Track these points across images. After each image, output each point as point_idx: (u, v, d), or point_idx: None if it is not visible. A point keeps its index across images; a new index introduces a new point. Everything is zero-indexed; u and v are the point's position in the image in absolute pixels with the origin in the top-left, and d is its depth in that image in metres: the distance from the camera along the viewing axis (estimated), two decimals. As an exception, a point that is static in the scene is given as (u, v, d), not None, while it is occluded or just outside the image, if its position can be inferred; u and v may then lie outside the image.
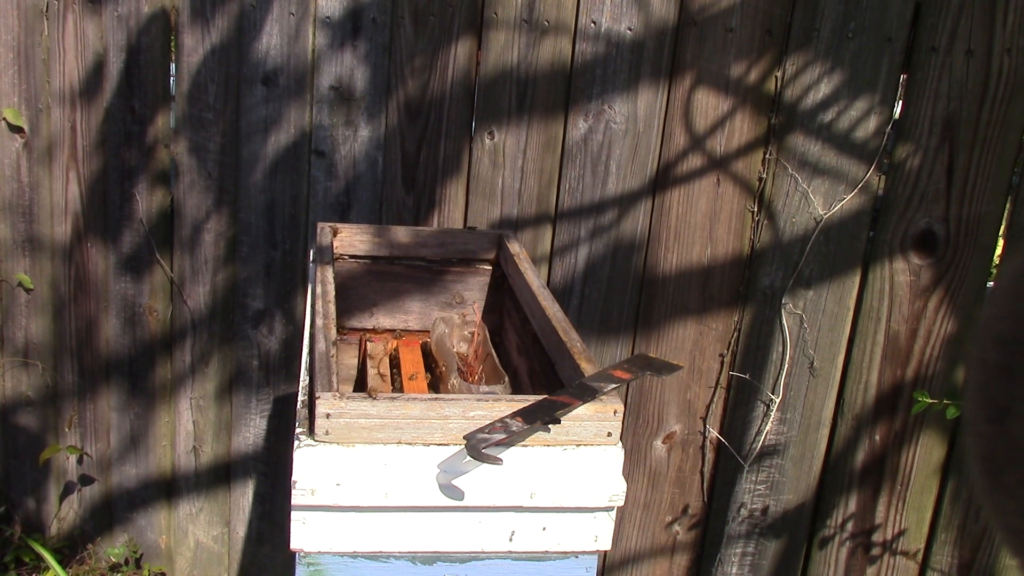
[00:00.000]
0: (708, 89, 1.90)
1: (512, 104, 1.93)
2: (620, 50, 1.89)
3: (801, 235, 1.94)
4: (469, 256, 1.56)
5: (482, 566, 1.00)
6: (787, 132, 1.90)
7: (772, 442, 2.07)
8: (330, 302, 1.19)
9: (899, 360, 1.98)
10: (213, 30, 1.92)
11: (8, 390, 2.19)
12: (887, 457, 2.05)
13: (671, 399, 2.08)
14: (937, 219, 1.90)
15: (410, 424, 0.95)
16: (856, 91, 1.86)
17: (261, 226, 2.02)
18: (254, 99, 1.95)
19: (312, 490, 0.93)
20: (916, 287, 1.94)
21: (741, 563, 2.17)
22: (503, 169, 1.96)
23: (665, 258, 1.99)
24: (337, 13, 1.90)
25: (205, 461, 2.21)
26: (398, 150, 1.97)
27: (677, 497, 2.15)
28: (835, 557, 2.13)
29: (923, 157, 1.87)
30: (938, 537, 2.07)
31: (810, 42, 1.85)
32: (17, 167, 2.04)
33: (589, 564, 1.02)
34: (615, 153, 1.94)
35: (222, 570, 2.30)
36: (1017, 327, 0.36)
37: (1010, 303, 0.37)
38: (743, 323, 2.01)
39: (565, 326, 1.18)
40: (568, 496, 0.97)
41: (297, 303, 2.06)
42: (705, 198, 1.95)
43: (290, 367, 2.11)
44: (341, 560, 0.97)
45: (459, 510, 0.97)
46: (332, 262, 1.36)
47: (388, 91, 1.94)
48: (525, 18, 1.88)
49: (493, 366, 1.33)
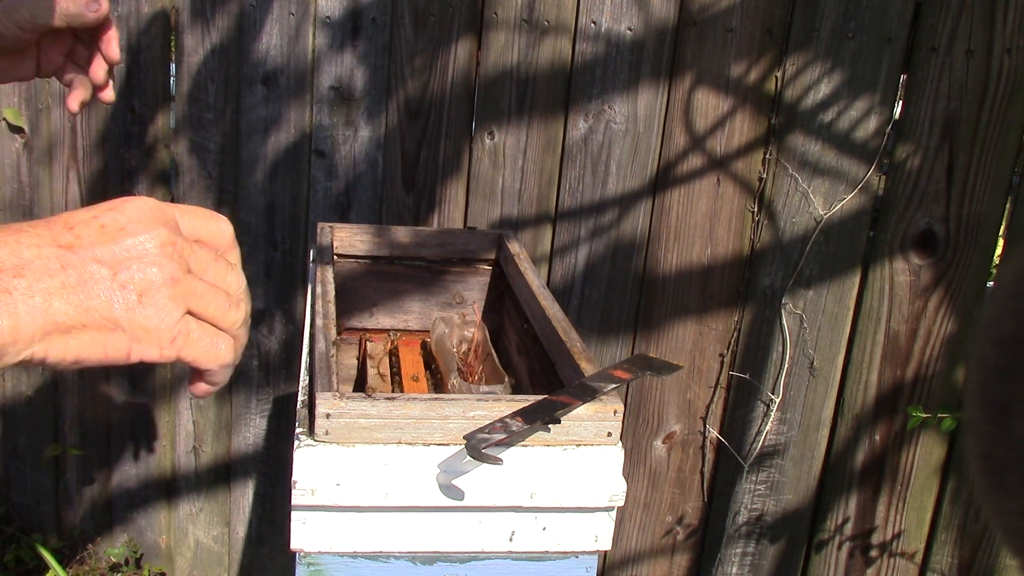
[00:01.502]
0: (708, 89, 1.90)
1: (512, 104, 1.93)
2: (620, 50, 1.89)
3: (801, 235, 1.94)
4: (469, 256, 1.56)
5: (482, 566, 1.00)
6: (787, 132, 1.90)
7: (772, 442, 2.07)
8: (330, 302, 1.19)
9: (899, 360, 1.98)
10: (213, 30, 1.92)
11: (8, 390, 2.19)
12: (887, 457, 2.05)
13: (671, 399, 2.08)
14: (937, 219, 1.90)
15: (410, 424, 0.95)
16: (856, 91, 1.86)
17: (261, 226, 2.02)
18: (254, 99, 1.95)
19: (312, 490, 0.93)
20: (916, 287, 1.94)
21: (741, 563, 2.17)
22: (503, 169, 1.96)
23: (665, 258, 1.99)
24: (337, 13, 1.90)
25: (205, 461, 2.21)
26: (398, 150, 1.97)
27: (677, 497, 2.15)
28: (835, 557, 2.13)
29: (923, 157, 1.87)
30: (938, 537, 2.07)
31: (810, 42, 1.85)
32: (17, 167, 2.04)
33: (589, 564, 1.02)
34: (615, 153, 1.94)
35: (222, 570, 2.30)
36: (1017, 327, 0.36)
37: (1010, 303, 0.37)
38: (743, 323, 2.01)
39: (565, 326, 1.18)
40: (568, 496, 0.97)
41: (297, 303, 2.06)
42: (705, 198, 1.95)
43: (290, 367, 2.11)
44: (341, 560, 0.97)
45: (459, 510, 0.97)
46: (332, 262, 1.36)
47: (388, 91, 1.94)
48: (525, 18, 1.88)
49: (493, 366, 1.33)
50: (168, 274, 0.59)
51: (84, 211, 0.59)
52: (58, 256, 0.56)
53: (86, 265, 0.56)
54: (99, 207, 0.60)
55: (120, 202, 0.60)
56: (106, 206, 0.60)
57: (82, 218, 0.58)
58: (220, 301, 0.63)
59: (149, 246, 0.59)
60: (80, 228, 0.58)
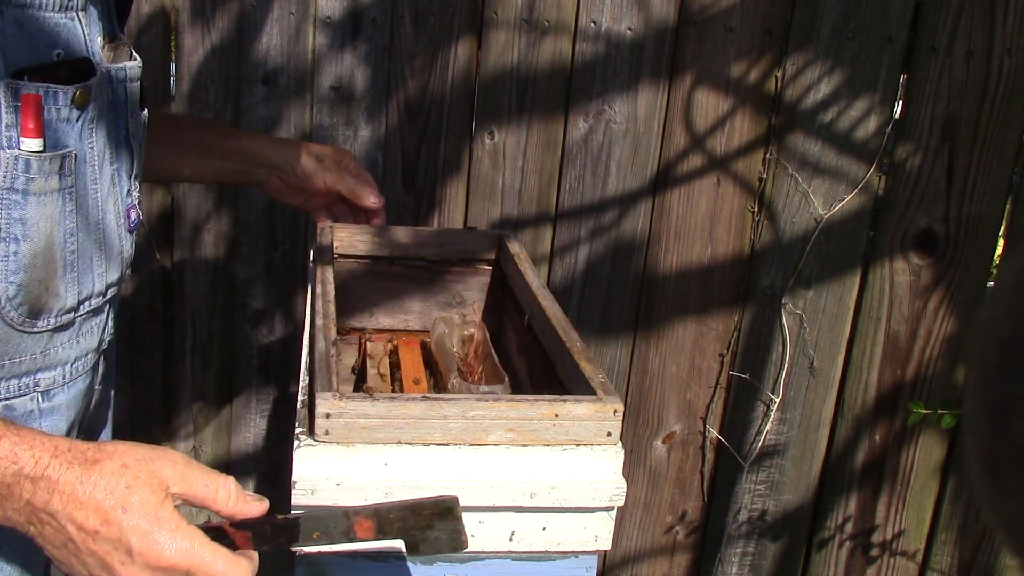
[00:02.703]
0: (708, 89, 1.90)
1: (512, 104, 1.93)
2: (620, 50, 1.89)
3: (801, 235, 1.94)
4: (469, 256, 1.56)
5: (482, 566, 1.00)
6: (787, 132, 1.90)
7: (772, 442, 2.07)
8: (330, 302, 1.19)
9: (899, 360, 1.99)
10: (213, 30, 1.92)
11: (8, 390, 2.19)
12: (887, 457, 2.05)
13: (671, 399, 2.08)
14: (937, 219, 1.90)
15: (410, 424, 0.95)
16: (856, 91, 1.86)
17: (261, 226, 2.02)
18: (254, 99, 1.95)
19: (312, 490, 0.93)
20: (916, 287, 1.94)
21: (741, 563, 2.17)
22: (503, 169, 1.96)
23: (665, 258, 1.99)
24: (337, 13, 1.90)
25: (205, 461, 2.20)
26: (398, 150, 1.97)
27: (677, 497, 2.15)
28: (835, 557, 2.13)
29: (923, 157, 1.87)
30: (938, 537, 2.07)
31: (810, 42, 1.85)
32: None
33: (589, 564, 1.02)
34: (615, 153, 1.94)
35: (222, 570, 2.30)
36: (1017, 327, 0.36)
37: (1010, 303, 0.37)
38: (743, 323, 2.01)
39: (565, 326, 1.18)
40: (568, 496, 0.97)
41: (297, 303, 2.06)
42: (705, 198, 1.95)
43: (290, 367, 2.11)
44: (341, 560, 0.97)
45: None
46: (332, 262, 1.36)
47: (388, 91, 1.94)
48: (525, 18, 1.88)
49: (493, 366, 1.33)
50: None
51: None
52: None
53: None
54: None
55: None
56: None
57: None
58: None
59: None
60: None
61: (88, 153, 0.98)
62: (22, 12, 0.88)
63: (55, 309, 0.98)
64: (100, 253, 1.03)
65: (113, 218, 1.05)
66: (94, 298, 1.04)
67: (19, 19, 0.88)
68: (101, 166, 1.01)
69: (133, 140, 1.07)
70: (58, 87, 0.91)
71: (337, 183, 1.44)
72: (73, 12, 0.95)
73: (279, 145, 1.43)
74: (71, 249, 0.98)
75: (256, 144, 1.40)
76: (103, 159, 1.01)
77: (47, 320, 0.98)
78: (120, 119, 1.04)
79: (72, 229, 0.98)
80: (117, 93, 1.03)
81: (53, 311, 0.98)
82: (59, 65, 0.92)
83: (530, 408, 0.97)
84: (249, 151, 1.38)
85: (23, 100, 0.88)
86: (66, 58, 0.93)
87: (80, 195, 0.98)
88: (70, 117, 0.94)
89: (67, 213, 0.96)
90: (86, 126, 0.97)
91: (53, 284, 0.97)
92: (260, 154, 1.39)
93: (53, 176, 0.93)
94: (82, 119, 0.96)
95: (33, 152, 0.90)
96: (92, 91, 0.96)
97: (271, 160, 1.40)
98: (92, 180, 1.00)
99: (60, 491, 0.76)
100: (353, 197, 1.46)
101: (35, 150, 0.90)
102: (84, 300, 1.02)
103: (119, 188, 1.06)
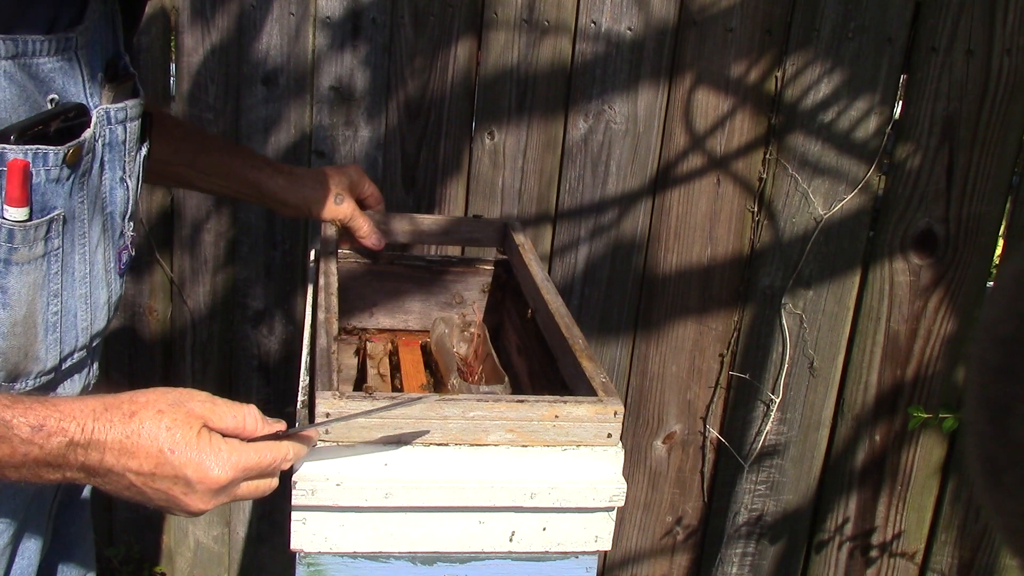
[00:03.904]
0: (708, 89, 1.90)
1: (512, 104, 1.93)
2: (620, 50, 1.89)
3: (801, 235, 1.94)
4: (475, 243, 1.57)
5: (482, 566, 1.00)
6: (787, 132, 1.90)
7: (772, 442, 2.07)
8: (332, 295, 1.19)
9: (899, 360, 1.98)
10: (213, 30, 1.92)
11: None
12: (887, 457, 2.05)
13: (671, 399, 2.08)
14: (937, 219, 1.90)
15: (410, 424, 0.95)
16: (856, 91, 1.86)
17: (261, 226, 2.02)
18: (254, 99, 1.95)
19: (312, 490, 0.93)
20: (916, 287, 1.94)
21: (741, 563, 2.17)
22: (503, 169, 1.97)
23: (665, 258, 1.99)
24: (337, 13, 1.90)
25: (205, 461, 2.21)
26: (398, 150, 1.97)
27: (677, 497, 2.15)
28: (835, 557, 2.13)
29: (923, 157, 1.87)
30: (938, 537, 2.07)
31: (810, 42, 1.85)
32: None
33: (589, 564, 1.02)
34: (615, 153, 1.94)
35: (222, 570, 2.30)
36: (1017, 327, 0.36)
37: (1010, 303, 0.37)
38: (743, 323, 2.01)
39: (568, 322, 1.18)
40: (568, 496, 0.97)
41: (297, 303, 2.07)
42: (705, 198, 1.95)
43: (290, 367, 2.11)
44: (341, 560, 0.97)
45: (459, 510, 0.97)
46: (335, 253, 1.36)
47: (388, 91, 1.94)
48: (525, 18, 1.88)
49: (493, 366, 1.33)
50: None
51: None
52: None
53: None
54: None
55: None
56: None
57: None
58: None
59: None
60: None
61: (78, 208, 0.93)
62: (12, 64, 0.82)
63: (34, 372, 0.94)
64: (85, 307, 0.99)
65: (102, 267, 1.00)
66: (77, 352, 1.00)
67: (9, 72, 0.82)
68: (92, 217, 0.96)
69: (129, 180, 1.02)
70: (48, 148, 0.85)
71: (348, 222, 1.41)
72: (71, 52, 0.89)
73: (299, 186, 1.38)
74: (54, 311, 0.94)
75: (276, 183, 1.36)
76: (95, 209, 0.96)
77: (24, 383, 0.94)
78: (117, 159, 0.99)
79: (56, 291, 0.93)
80: (115, 133, 0.97)
81: (32, 374, 0.94)
82: (52, 117, 0.86)
83: (530, 409, 0.97)
84: (267, 190, 1.36)
85: (9, 167, 0.83)
86: (60, 105, 0.87)
87: (67, 254, 0.93)
88: (60, 177, 0.88)
89: (51, 276, 0.92)
90: (77, 182, 0.91)
91: (33, 349, 0.93)
92: (279, 195, 1.37)
93: (38, 243, 0.88)
94: (72, 177, 0.90)
95: (17, 222, 0.85)
96: (85, 145, 0.91)
97: (287, 200, 1.38)
98: (80, 235, 0.95)
99: (110, 448, 0.82)
100: (358, 236, 1.43)
101: (19, 220, 0.85)
102: (66, 357, 0.98)
103: (111, 232, 1.01)
